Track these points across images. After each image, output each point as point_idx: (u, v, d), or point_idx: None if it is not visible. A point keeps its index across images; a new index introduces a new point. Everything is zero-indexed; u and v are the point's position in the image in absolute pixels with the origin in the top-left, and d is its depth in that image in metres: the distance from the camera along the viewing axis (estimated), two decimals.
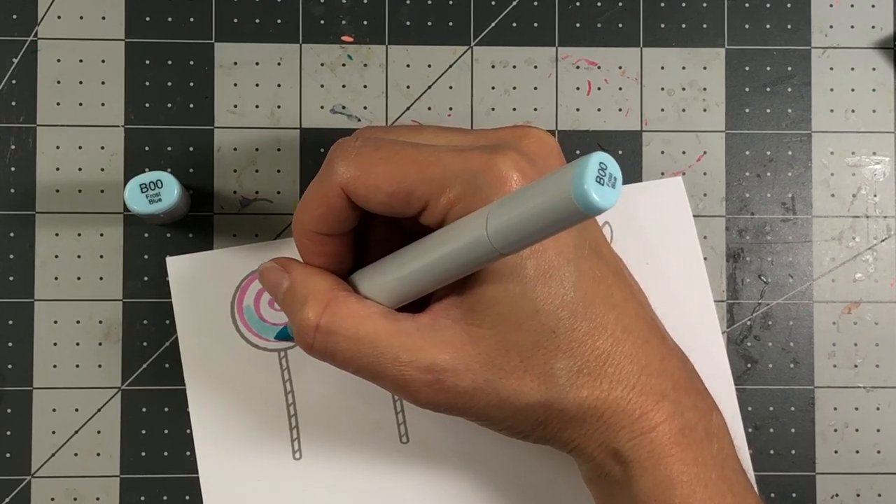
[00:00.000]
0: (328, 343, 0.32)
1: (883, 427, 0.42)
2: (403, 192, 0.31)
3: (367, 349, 0.32)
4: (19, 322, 0.41)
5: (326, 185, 0.32)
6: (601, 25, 0.43)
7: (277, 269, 0.35)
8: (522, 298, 0.31)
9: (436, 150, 0.32)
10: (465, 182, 0.30)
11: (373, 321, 0.32)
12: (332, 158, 0.33)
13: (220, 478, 0.41)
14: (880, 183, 0.43)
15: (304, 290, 0.33)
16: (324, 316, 0.32)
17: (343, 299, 0.32)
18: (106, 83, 0.42)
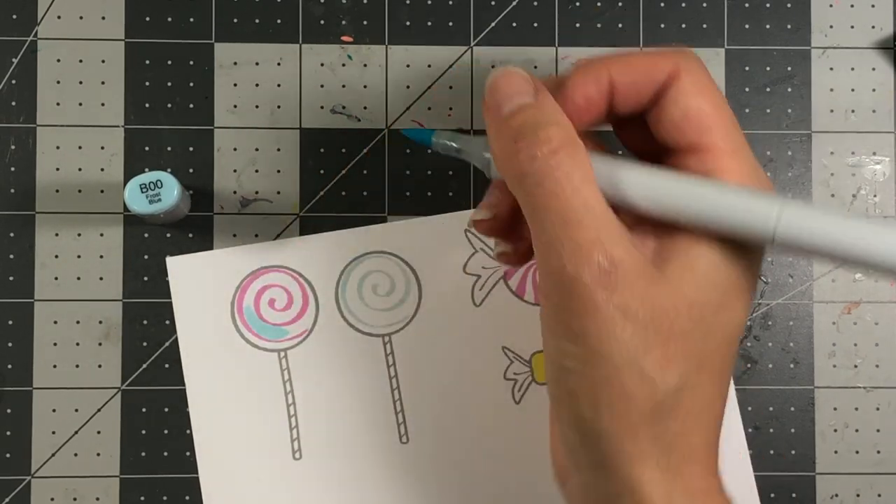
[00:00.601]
0: (551, 171, 0.29)
1: (883, 427, 0.42)
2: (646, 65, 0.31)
3: (575, 203, 0.29)
4: (19, 322, 0.41)
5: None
6: (601, 25, 0.43)
7: (526, 82, 0.32)
8: (714, 290, 0.30)
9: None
10: (678, 54, 0.31)
11: (597, 192, 0.30)
12: None
13: (220, 478, 0.41)
14: (880, 183, 0.43)
15: (557, 116, 0.31)
16: (567, 147, 0.30)
17: (586, 152, 0.30)
18: (106, 83, 0.42)
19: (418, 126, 0.42)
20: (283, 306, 0.41)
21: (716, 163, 0.30)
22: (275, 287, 0.42)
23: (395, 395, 0.42)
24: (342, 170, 0.42)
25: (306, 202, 0.42)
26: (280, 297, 0.42)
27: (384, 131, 0.42)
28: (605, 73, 0.32)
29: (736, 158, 0.30)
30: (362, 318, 0.42)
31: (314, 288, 0.42)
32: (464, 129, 0.35)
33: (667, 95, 0.31)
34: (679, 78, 0.31)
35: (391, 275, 0.42)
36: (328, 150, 0.42)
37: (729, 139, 0.30)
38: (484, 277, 0.42)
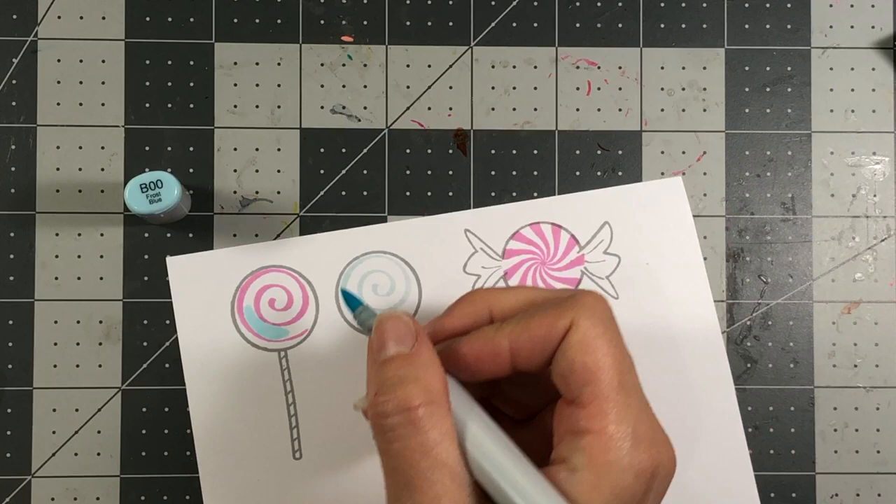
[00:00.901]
0: (403, 427, 0.31)
1: (883, 427, 0.42)
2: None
3: (425, 467, 0.30)
4: (19, 322, 0.41)
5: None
6: (601, 25, 0.43)
7: (408, 329, 0.33)
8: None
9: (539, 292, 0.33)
10: (572, 307, 0.32)
11: (451, 451, 0.30)
12: None
13: (220, 478, 0.41)
14: (880, 183, 0.43)
15: (423, 372, 0.32)
16: (423, 408, 0.31)
17: (445, 413, 0.31)
18: (106, 83, 0.42)
19: (422, 126, 0.43)
20: (284, 306, 0.41)
21: (590, 422, 0.30)
22: (275, 287, 0.42)
23: None
24: (342, 170, 0.42)
25: (306, 202, 0.42)
26: (280, 297, 0.42)
27: (384, 131, 0.42)
28: (503, 343, 0.32)
29: (609, 421, 0.30)
30: None
31: (314, 288, 0.42)
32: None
33: (559, 347, 0.31)
34: (570, 331, 0.31)
35: (391, 275, 0.42)
36: (328, 150, 0.42)
37: (609, 399, 0.30)
38: (484, 277, 0.42)
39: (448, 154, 0.42)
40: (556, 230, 0.42)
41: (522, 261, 0.42)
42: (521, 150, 0.43)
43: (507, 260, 0.42)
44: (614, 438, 0.30)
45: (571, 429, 0.31)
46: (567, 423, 0.31)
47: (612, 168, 0.43)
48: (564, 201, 0.42)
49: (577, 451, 0.30)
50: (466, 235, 0.42)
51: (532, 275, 0.42)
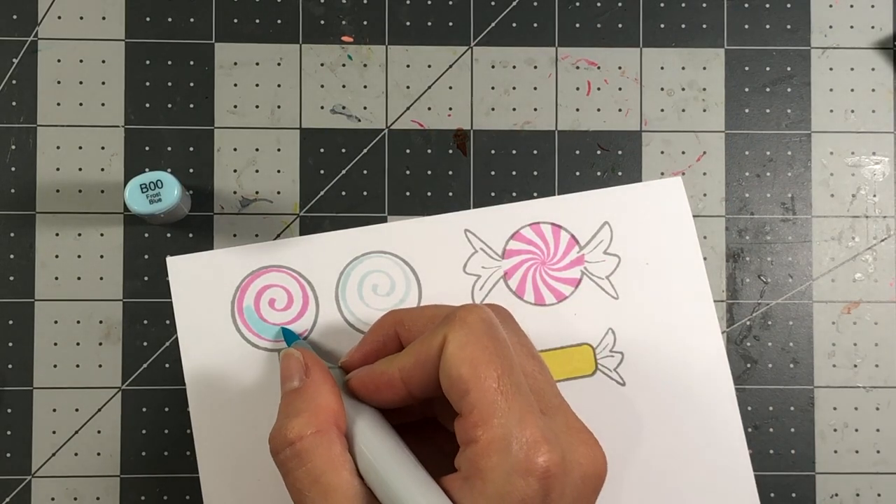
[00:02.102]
0: (291, 461, 0.33)
1: (882, 427, 0.42)
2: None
3: (316, 496, 0.32)
4: (19, 322, 0.41)
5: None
6: (601, 25, 0.43)
7: (298, 364, 0.35)
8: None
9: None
10: (443, 325, 0.32)
11: (340, 476, 0.32)
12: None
13: (220, 478, 0.41)
14: (880, 183, 0.43)
15: (309, 404, 0.34)
16: (306, 440, 0.32)
17: (331, 439, 0.33)
18: (106, 83, 0.42)
19: (422, 126, 0.43)
20: (284, 306, 0.41)
21: (470, 432, 0.31)
22: (275, 287, 0.42)
23: None
24: (342, 170, 0.42)
25: (306, 202, 0.42)
26: (280, 297, 0.42)
27: (384, 131, 0.42)
28: (394, 372, 0.34)
29: (487, 424, 0.30)
30: (362, 318, 0.42)
31: (314, 288, 0.42)
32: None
33: (440, 367, 0.32)
34: (444, 347, 0.32)
35: (391, 275, 0.42)
36: (328, 150, 0.42)
37: (483, 406, 0.30)
38: (484, 277, 0.42)
39: (448, 154, 0.43)
40: (556, 230, 0.42)
41: (522, 261, 0.42)
42: (521, 150, 0.43)
43: (507, 260, 0.42)
44: (493, 443, 0.30)
45: (463, 439, 0.31)
46: (460, 433, 0.31)
47: (612, 168, 0.43)
48: (564, 201, 0.42)
49: (465, 459, 0.31)
50: (466, 235, 0.42)
51: (532, 275, 0.42)
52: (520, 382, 0.31)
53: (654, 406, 0.42)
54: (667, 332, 0.42)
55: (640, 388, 0.42)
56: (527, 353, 0.34)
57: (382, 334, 0.36)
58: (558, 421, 0.32)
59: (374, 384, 0.34)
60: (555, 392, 0.34)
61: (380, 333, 0.37)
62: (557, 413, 0.33)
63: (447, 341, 0.32)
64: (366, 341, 0.37)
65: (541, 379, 0.33)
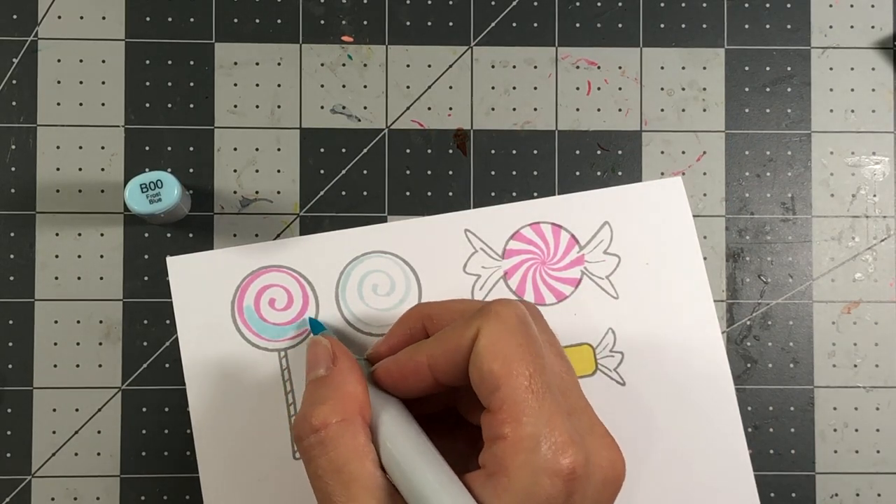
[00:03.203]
0: (315, 448, 0.32)
1: (882, 427, 0.42)
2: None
3: (337, 485, 0.32)
4: (19, 322, 0.41)
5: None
6: (601, 25, 0.43)
7: (326, 352, 0.35)
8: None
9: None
10: (477, 318, 0.32)
11: (363, 465, 0.32)
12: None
13: (220, 478, 0.41)
14: (880, 183, 0.43)
15: (335, 392, 0.33)
16: (331, 428, 0.32)
17: (356, 429, 0.32)
18: (106, 83, 0.42)
19: (422, 126, 0.43)
20: (284, 306, 0.41)
21: (498, 428, 0.31)
22: (275, 287, 0.42)
23: None
24: (342, 170, 0.42)
25: (306, 202, 0.42)
26: (280, 297, 0.42)
27: (384, 131, 0.42)
28: (422, 359, 0.34)
29: (517, 422, 0.30)
30: (362, 318, 0.42)
31: (314, 288, 0.42)
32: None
33: (470, 359, 0.32)
34: (476, 340, 0.32)
35: (391, 275, 0.42)
36: (328, 150, 0.42)
37: (514, 403, 0.30)
38: (484, 277, 0.42)
39: (448, 154, 0.43)
40: (556, 230, 0.42)
41: (522, 261, 0.42)
42: (521, 150, 0.43)
43: (507, 260, 0.42)
44: (522, 441, 0.30)
45: (489, 435, 0.31)
46: (487, 429, 0.31)
47: (611, 168, 0.43)
48: (564, 201, 0.42)
49: (491, 456, 0.31)
50: (466, 235, 0.42)
51: (532, 275, 0.42)
52: (550, 382, 0.31)
53: (654, 406, 0.42)
54: (667, 332, 0.42)
55: (640, 388, 0.42)
56: (556, 352, 0.34)
57: (410, 327, 0.36)
58: (583, 423, 0.32)
59: (401, 372, 0.34)
60: (580, 394, 0.34)
61: (407, 326, 0.36)
62: (583, 415, 0.33)
63: (480, 334, 0.32)
64: (393, 333, 0.37)
65: (567, 380, 0.33)
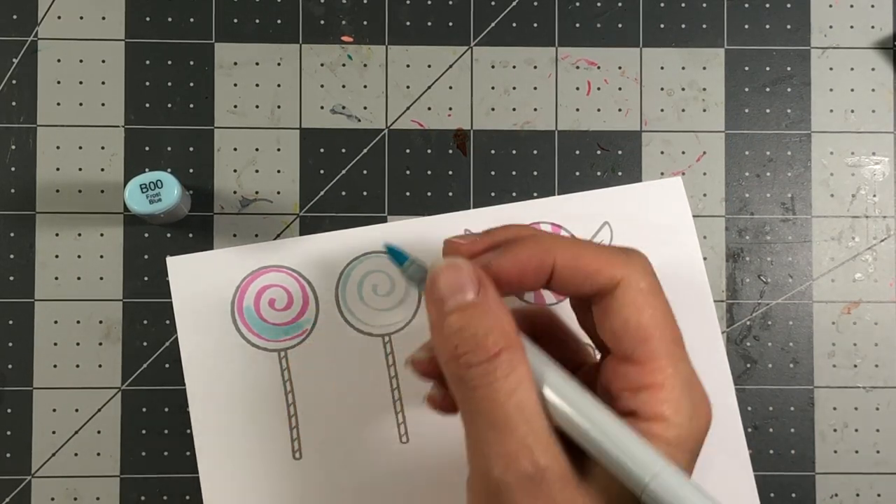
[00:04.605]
0: (489, 375, 0.31)
1: (882, 427, 0.42)
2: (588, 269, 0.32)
3: (511, 408, 0.30)
4: (19, 322, 0.41)
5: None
6: (601, 25, 0.43)
7: (471, 275, 0.32)
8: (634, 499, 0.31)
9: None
10: (624, 262, 0.32)
11: (531, 392, 0.31)
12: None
13: (220, 478, 0.41)
14: (880, 183, 0.43)
15: (497, 319, 0.31)
16: (507, 352, 0.31)
17: (522, 355, 0.31)
18: (106, 83, 0.42)
19: (422, 126, 0.43)
20: (283, 306, 0.41)
21: (647, 378, 0.31)
22: (275, 287, 0.42)
23: (396, 394, 0.42)
24: (342, 170, 0.42)
25: (306, 202, 0.42)
26: (280, 297, 0.42)
27: (384, 131, 0.42)
28: (550, 260, 0.32)
29: (667, 375, 0.31)
30: (362, 318, 0.42)
31: (314, 288, 0.42)
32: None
33: (608, 302, 0.32)
34: (621, 287, 0.32)
35: (391, 275, 0.42)
36: (328, 150, 0.42)
37: (665, 354, 0.31)
38: None
39: (448, 154, 0.43)
40: (556, 230, 0.42)
41: None
42: (521, 150, 0.43)
43: None
44: (677, 389, 0.31)
45: (629, 386, 0.31)
46: (623, 380, 0.31)
47: (611, 168, 0.43)
48: (564, 201, 0.42)
49: (641, 403, 0.31)
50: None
51: None
52: (683, 346, 0.32)
53: None
54: None
55: None
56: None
57: (537, 261, 0.33)
58: (693, 388, 0.33)
59: (524, 268, 0.32)
60: (690, 363, 0.34)
61: (533, 257, 0.33)
62: (692, 378, 0.33)
63: (627, 283, 0.32)
64: (516, 258, 0.33)
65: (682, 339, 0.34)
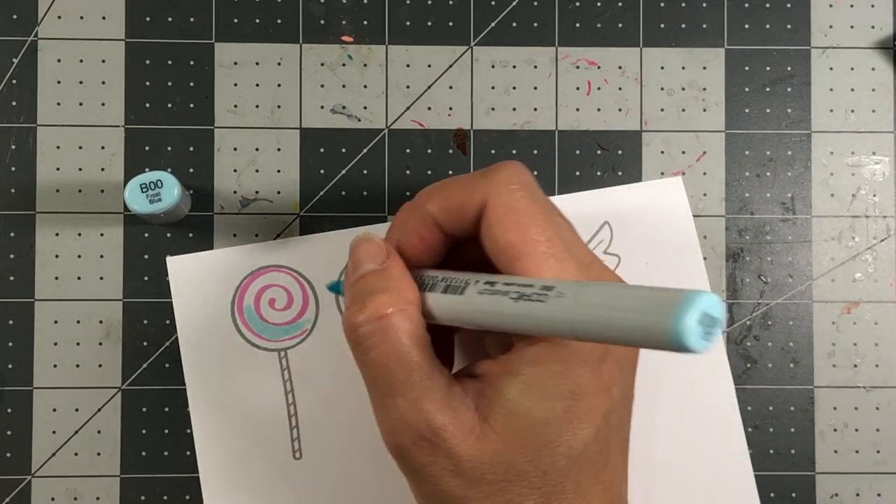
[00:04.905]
0: (375, 337, 0.31)
1: (882, 427, 0.42)
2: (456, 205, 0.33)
3: (400, 371, 0.31)
4: (19, 322, 0.41)
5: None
6: (601, 25, 0.43)
7: (380, 248, 0.34)
8: (541, 427, 0.30)
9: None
10: (486, 182, 0.32)
11: (422, 353, 0.31)
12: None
13: (220, 478, 0.41)
14: (880, 183, 0.43)
15: (393, 283, 0.32)
16: (394, 314, 0.31)
17: (415, 315, 0.32)
18: (106, 83, 0.42)
19: (422, 126, 0.43)
20: (284, 306, 0.41)
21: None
22: (275, 287, 0.42)
23: None
24: (342, 170, 0.42)
25: (306, 202, 0.42)
26: (280, 297, 0.42)
27: (384, 131, 0.42)
28: (426, 212, 0.33)
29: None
30: None
31: (314, 288, 0.42)
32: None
33: (481, 226, 0.32)
34: (486, 209, 0.32)
35: None
36: (328, 150, 0.42)
37: (545, 267, 0.30)
38: None
39: (448, 154, 0.43)
40: None
41: None
42: (521, 150, 0.43)
43: None
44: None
45: None
46: None
47: (611, 168, 0.43)
48: (564, 201, 0.42)
49: None
50: None
51: None
52: (566, 240, 0.31)
53: (654, 406, 0.42)
54: None
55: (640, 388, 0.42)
56: (557, 210, 0.34)
57: (420, 220, 0.34)
58: (601, 274, 0.32)
59: (411, 232, 0.34)
60: (585, 247, 0.33)
61: (417, 219, 0.34)
62: (595, 266, 0.33)
63: (489, 204, 0.31)
64: (398, 226, 0.35)
65: (574, 236, 0.33)
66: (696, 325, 0.22)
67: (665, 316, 0.23)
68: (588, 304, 0.26)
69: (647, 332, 0.23)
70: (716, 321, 0.23)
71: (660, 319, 0.23)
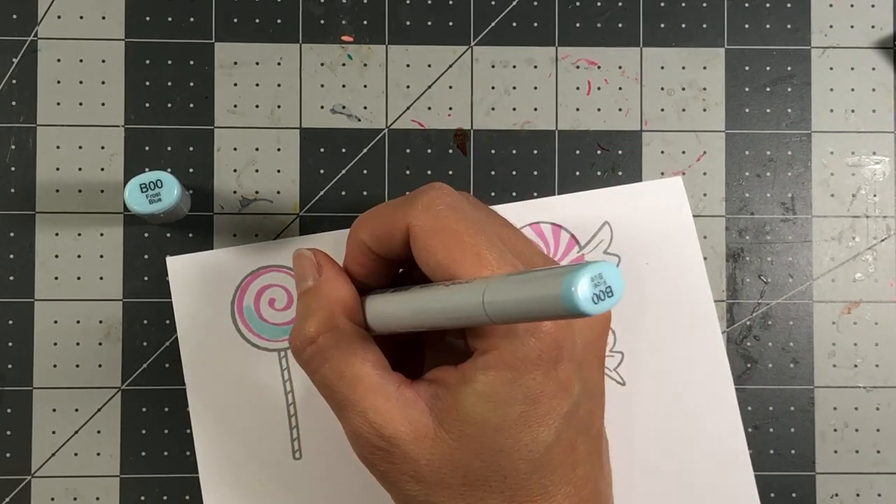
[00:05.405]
0: (314, 360, 0.33)
1: (883, 427, 0.42)
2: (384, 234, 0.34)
3: (344, 388, 0.32)
4: (19, 322, 0.41)
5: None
6: (601, 25, 0.43)
7: (311, 263, 0.35)
8: (496, 433, 0.30)
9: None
10: (407, 208, 0.33)
11: (363, 367, 0.32)
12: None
13: (220, 478, 0.41)
14: (880, 183, 0.43)
15: (322, 301, 0.34)
16: (324, 336, 0.33)
17: (349, 331, 0.33)
18: (106, 83, 0.42)
19: (422, 126, 0.43)
20: (284, 306, 0.41)
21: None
22: (275, 287, 0.42)
23: None
24: (342, 170, 0.42)
25: (306, 202, 0.42)
26: (280, 297, 0.42)
27: (384, 131, 0.42)
28: (360, 240, 0.34)
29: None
30: None
31: None
32: None
33: (412, 249, 0.33)
34: (411, 234, 0.32)
35: None
36: (328, 150, 0.42)
37: (471, 276, 0.31)
38: None
39: (448, 154, 0.43)
40: (556, 230, 0.42)
41: None
42: (521, 150, 0.43)
43: None
44: None
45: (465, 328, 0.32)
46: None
47: (612, 168, 0.43)
48: (564, 201, 0.42)
49: (475, 337, 0.31)
50: None
51: None
52: (501, 250, 0.31)
53: (654, 406, 0.42)
54: (667, 332, 0.42)
55: (640, 388, 0.42)
56: (499, 221, 0.34)
57: (358, 247, 0.35)
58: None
59: (349, 258, 0.35)
60: (535, 251, 0.34)
61: (356, 245, 0.35)
62: (540, 264, 0.33)
63: (414, 229, 0.32)
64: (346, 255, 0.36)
65: (518, 241, 0.34)
66: (588, 290, 0.24)
67: (560, 284, 0.24)
68: (496, 285, 0.27)
69: (545, 300, 0.25)
70: (612, 289, 0.25)
71: (556, 287, 0.25)
